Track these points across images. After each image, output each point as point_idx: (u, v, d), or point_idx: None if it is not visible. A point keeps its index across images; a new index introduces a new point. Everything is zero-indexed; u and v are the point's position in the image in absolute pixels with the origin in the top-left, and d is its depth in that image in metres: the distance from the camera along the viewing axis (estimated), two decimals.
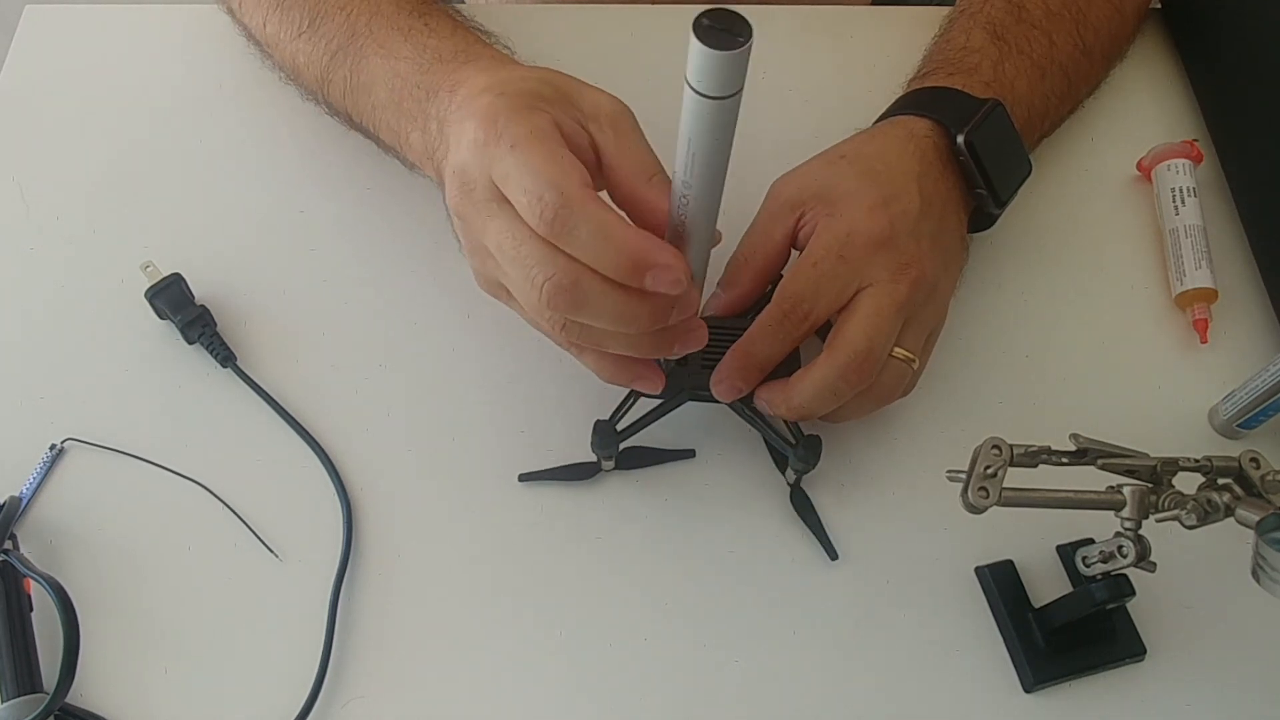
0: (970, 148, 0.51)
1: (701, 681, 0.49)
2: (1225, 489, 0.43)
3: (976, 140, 0.51)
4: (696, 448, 0.54)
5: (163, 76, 0.66)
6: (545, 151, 0.41)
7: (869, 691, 0.49)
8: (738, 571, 0.52)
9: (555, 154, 0.41)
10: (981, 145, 0.52)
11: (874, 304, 0.47)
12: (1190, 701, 0.49)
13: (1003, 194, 0.54)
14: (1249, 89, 0.62)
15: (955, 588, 0.51)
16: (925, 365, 0.52)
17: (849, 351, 0.47)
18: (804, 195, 0.50)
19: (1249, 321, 0.58)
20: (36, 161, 0.63)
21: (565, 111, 0.44)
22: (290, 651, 0.49)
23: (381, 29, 0.53)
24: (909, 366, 0.49)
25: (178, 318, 0.56)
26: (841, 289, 0.48)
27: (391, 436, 0.55)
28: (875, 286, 0.48)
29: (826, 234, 0.48)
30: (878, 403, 0.51)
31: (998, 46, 0.57)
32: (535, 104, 0.43)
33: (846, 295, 0.48)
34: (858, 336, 0.47)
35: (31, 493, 0.53)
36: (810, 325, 0.48)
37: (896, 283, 0.48)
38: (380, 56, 0.53)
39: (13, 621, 0.48)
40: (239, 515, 0.52)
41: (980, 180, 0.52)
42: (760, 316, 0.49)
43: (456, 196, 0.44)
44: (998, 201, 0.54)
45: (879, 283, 0.48)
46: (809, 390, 0.48)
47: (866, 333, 0.47)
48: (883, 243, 0.48)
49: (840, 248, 0.48)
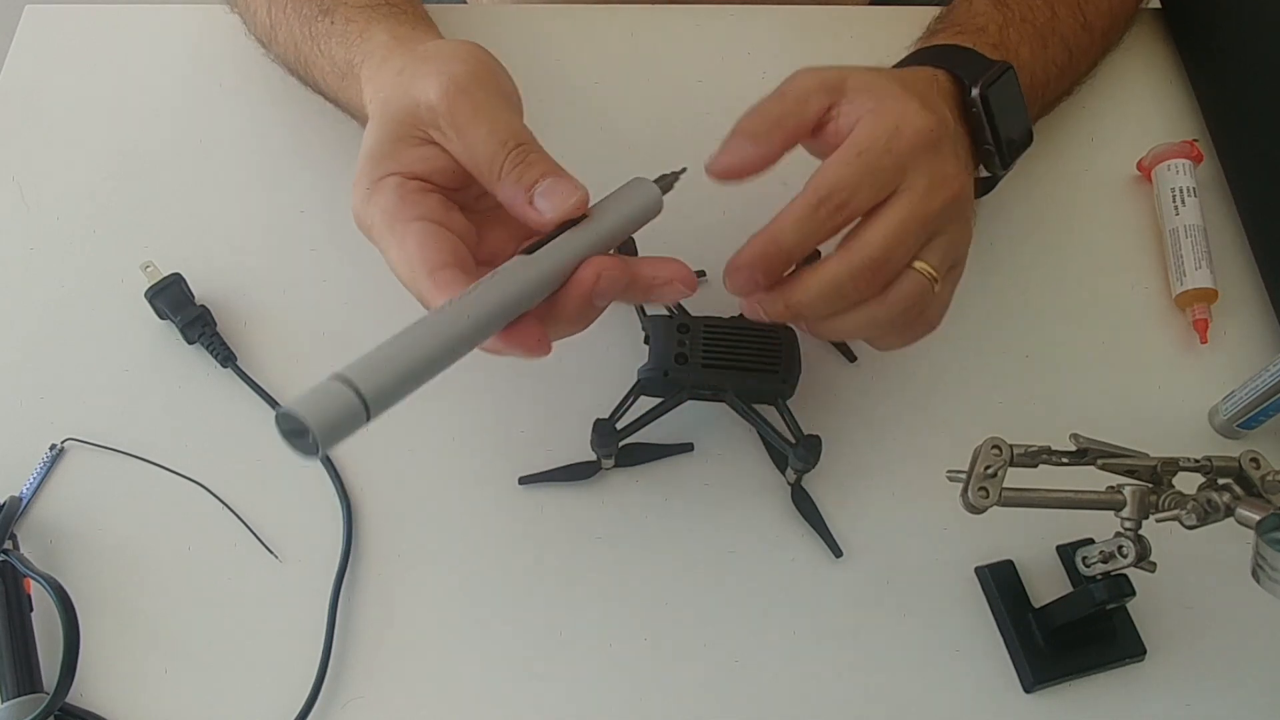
0: (984, 101, 0.50)
1: (702, 681, 0.49)
2: (1225, 489, 0.43)
3: (990, 95, 0.50)
4: (696, 446, 0.54)
5: (163, 76, 0.66)
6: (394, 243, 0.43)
7: (868, 691, 0.49)
8: (737, 571, 0.52)
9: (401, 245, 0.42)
10: (994, 101, 0.50)
11: (904, 210, 0.44)
12: (1190, 701, 0.49)
13: (1008, 154, 0.52)
14: (1249, 89, 0.62)
15: (955, 588, 0.51)
16: (951, 296, 0.49)
17: (865, 254, 0.44)
18: (845, 84, 0.46)
19: (1249, 321, 0.58)
20: (36, 161, 0.63)
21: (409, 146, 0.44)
22: (290, 651, 0.49)
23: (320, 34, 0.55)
24: (930, 284, 0.46)
25: (178, 318, 0.56)
26: (882, 185, 0.44)
27: (391, 437, 0.55)
28: (909, 193, 0.45)
29: (874, 125, 0.45)
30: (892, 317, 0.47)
31: (1001, 12, 0.56)
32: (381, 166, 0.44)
33: (884, 194, 0.45)
34: (877, 240, 0.44)
35: (31, 493, 0.53)
36: (843, 219, 0.44)
37: (931, 194, 0.45)
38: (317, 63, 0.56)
39: (13, 621, 0.48)
40: (239, 515, 0.52)
41: (989, 135, 0.51)
42: (791, 205, 0.44)
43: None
44: (1003, 161, 0.52)
45: (914, 189, 0.45)
46: (814, 288, 0.45)
47: (887, 238, 0.44)
48: (930, 145, 0.45)
49: (888, 140, 0.44)
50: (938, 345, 0.53)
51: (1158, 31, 0.69)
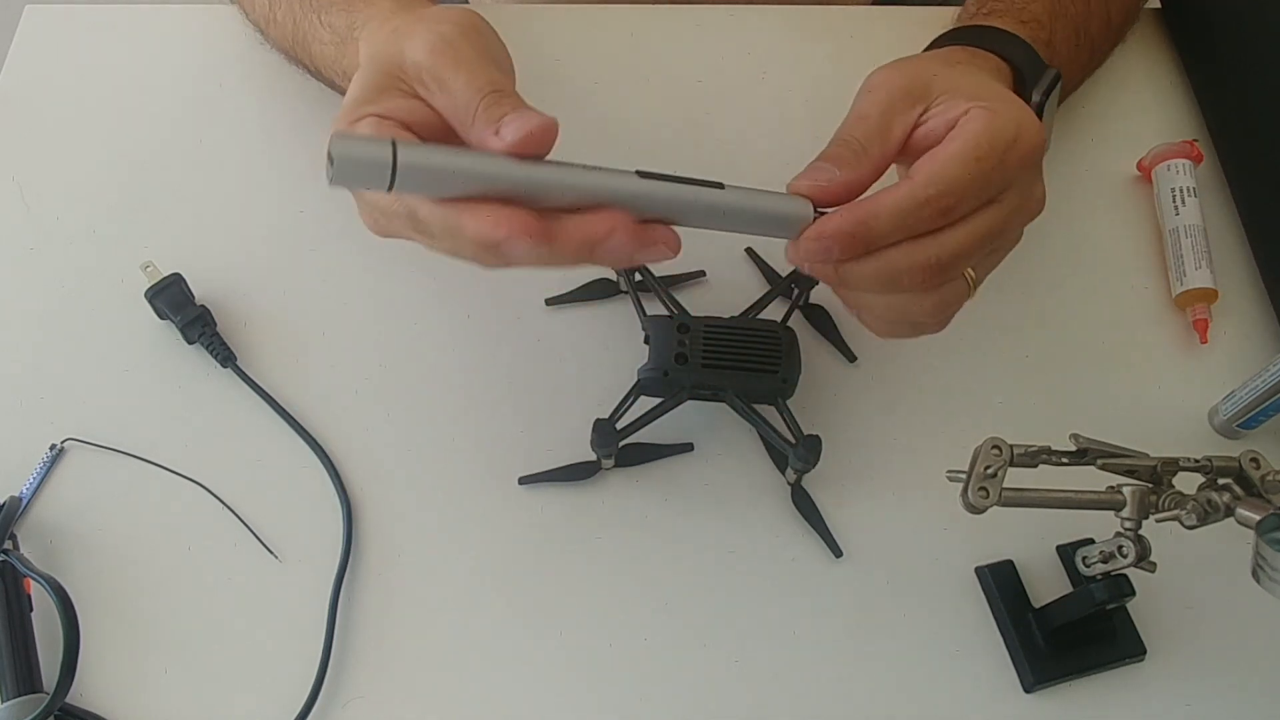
0: (1039, 110, 0.48)
1: (702, 681, 0.49)
2: (1225, 489, 0.43)
3: (1046, 106, 0.48)
4: (696, 446, 0.54)
5: (163, 76, 0.66)
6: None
7: (868, 691, 0.49)
8: (737, 571, 0.52)
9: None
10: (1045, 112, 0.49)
11: (989, 222, 0.42)
12: (1190, 701, 0.49)
13: None
14: (1249, 89, 0.62)
15: (955, 588, 0.51)
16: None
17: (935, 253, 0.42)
18: (930, 89, 0.44)
19: (1249, 321, 0.58)
20: (36, 161, 0.63)
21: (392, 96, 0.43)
22: (290, 651, 0.49)
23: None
24: (969, 291, 0.45)
25: (178, 318, 0.56)
26: (989, 196, 0.42)
27: (391, 437, 0.55)
28: (1000, 207, 0.42)
29: (994, 130, 0.42)
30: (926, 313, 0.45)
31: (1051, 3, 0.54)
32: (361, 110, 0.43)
33: (983, 203, 0.42)
34: (952, 243, 0.42)
35: (31, 493, 0.53)
36: (943, 223, 0.42)
37: (1019, 213, 0.43)
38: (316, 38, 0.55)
39: (13, 621, 0.48)
40: (239, 515, 0.52)
41: None
42: (894, 191, 0.41)
43: None
44: None
45: (1006, 205, 0.43)
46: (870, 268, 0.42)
47: (963, 244, 0.42)
48: (1037, 162, 0.43)
49: (1006, 150, 0.42)
50: (938, 345, 0.53)
51: (1158, 31, 0.69)
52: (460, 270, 0.59)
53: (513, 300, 0.58)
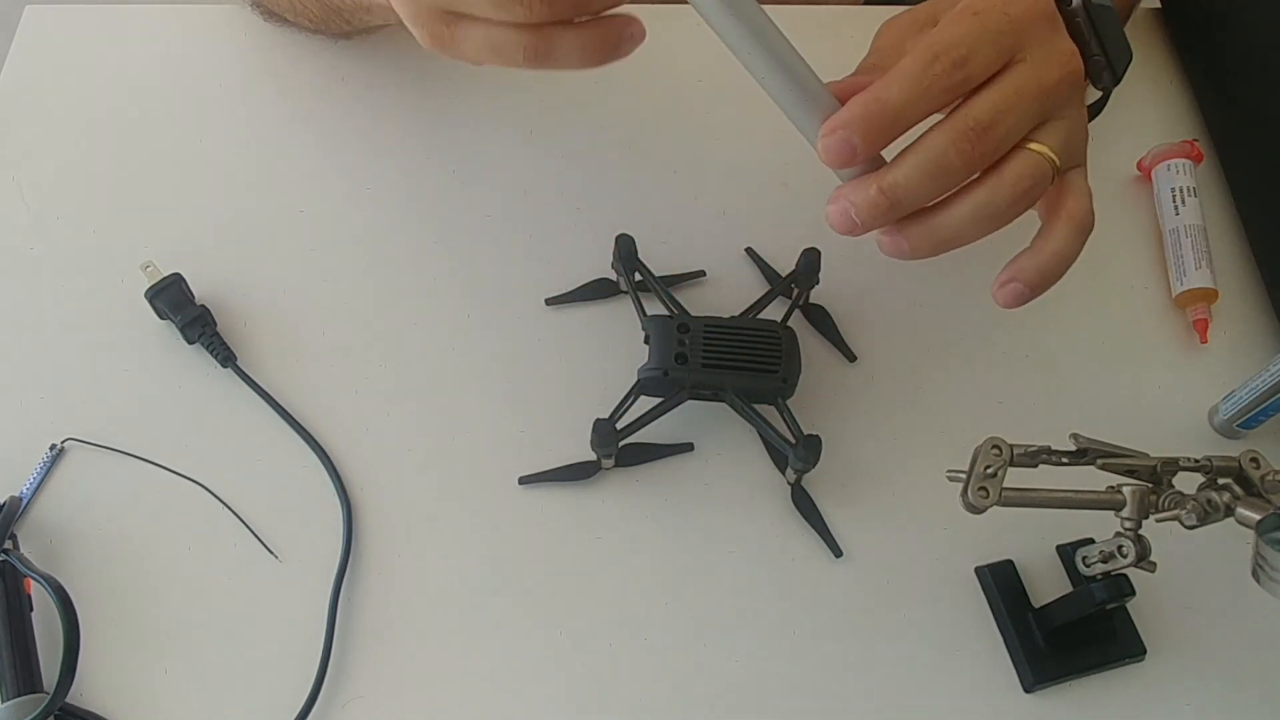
0: (1086, 6, 0.46)
1: (702, 680, 0.49)
2: (1225, 489, 0.43)
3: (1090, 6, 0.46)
4: (696, 446, 0.54)
5: (163, 76, 0.66)
6: None
7: (868, 691, 0.49)
8: (737, 571, 0.52)
9: None
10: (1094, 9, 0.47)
11: (1020, 79, 0.40)
12: (1190, 701, 0.49)
13: (1119, 65, 0.48)
14: (1249, 89, 0.62)
15: (955, 588, 0.51)
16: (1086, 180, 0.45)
17: (971, 116, 0.40)
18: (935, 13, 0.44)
19: (1249, 321, 0.59)
20: (37, 162, 0.63)
21: None
22: (290, 651, 0.49)
23: None
24: (1050, 166, 0.42)
25: (178, 318, 0.56)
26: (1000, 49, 0.40)
27: (391, 437, 0.55)
28: (1026, 64, 0.41)
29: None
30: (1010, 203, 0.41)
31: None
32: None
33: (1002, 60, 0.40)
34: (984, 103, 0.40)
35: (31, 493, 0.53)
36: (959, 80, 0.40)
37: (1049, 66, 0.41)
38: None
39: (13, 621, 0.48)
40: (239, 515, 0.52)
41: (1097, 45, 0.46)
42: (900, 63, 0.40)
43: None
44: (1115, 73, 0.48)
45: (1031, 60, 0.41)
46: (911, 160, 0.40)
47: (997, 103, 0.40)
48: (1048, 16, 0.42)
49: (1005, 4, 0.40)
50: (937, 345, 0.53)
51: (1157, 31, 0.69)
52: (460, 270, 0.59)
53: (513, 300, 0.58)
